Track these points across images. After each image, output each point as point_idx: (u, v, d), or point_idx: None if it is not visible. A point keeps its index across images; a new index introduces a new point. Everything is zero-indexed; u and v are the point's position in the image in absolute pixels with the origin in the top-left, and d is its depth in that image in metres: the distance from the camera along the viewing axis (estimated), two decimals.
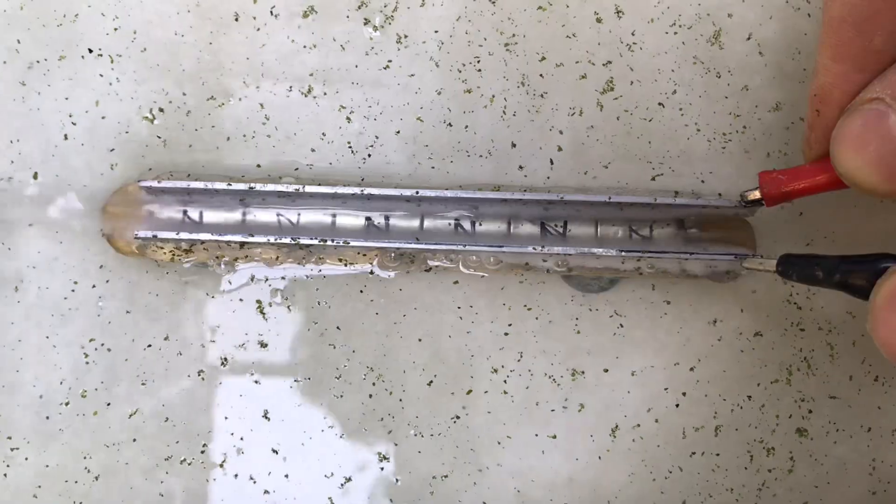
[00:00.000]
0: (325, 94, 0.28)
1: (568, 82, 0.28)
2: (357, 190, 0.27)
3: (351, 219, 0.28)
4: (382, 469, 0.28)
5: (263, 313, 0.28)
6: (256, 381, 0.28)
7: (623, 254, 0.27)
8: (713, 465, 0.28)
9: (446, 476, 0.28)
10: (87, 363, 0.28)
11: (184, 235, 0.27)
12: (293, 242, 0.27)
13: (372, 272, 0.28)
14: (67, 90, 0.28)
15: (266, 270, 0.28)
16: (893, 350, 0.19)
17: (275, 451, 0.28)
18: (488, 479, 0.28)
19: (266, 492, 0.28)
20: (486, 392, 0.28)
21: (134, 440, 0.28)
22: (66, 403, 0.28)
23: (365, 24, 0.28)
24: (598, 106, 0.28)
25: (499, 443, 0.28)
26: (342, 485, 0.28)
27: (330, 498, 0.28)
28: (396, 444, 0.28)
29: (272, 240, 0.27)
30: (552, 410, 0.28)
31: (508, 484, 0.28)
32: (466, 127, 0.28)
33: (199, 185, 0.27)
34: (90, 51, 0.28)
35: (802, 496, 0.28)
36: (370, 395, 0.28)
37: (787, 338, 0.28)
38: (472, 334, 0.28)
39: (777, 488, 0.28)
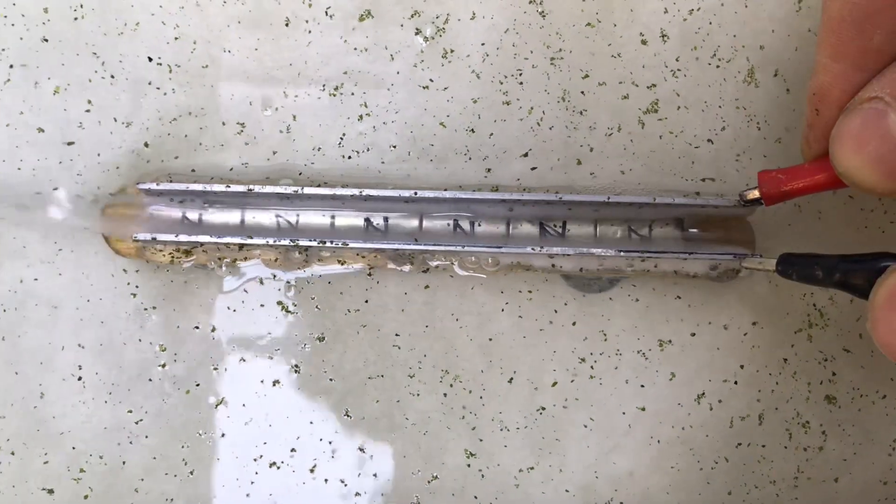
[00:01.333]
0: (352, 93, 0.28)
1: (609, 101, 0.28)
2: (356, 191, 0.27)
3: (350, 220, 0.28)
4: (469, 465, 0.28)
5: (291, 312, 0.28)
6: (331, 379, 0.28)
7: (622, 254, 0.27)
8: (759, 456, 0.28)
9: (532, 468, 0.28)
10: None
11: (182, 238, 0.27)
12: (292, 244, 0.27)
13: (370, 273, 0.28)
14: (76, 94, 0.28)
15: (278, 272, 0.28)
16: (893, 350, 0.19)
17: (361, 450, 0.28)
18: (573, 464, 0.28)
19: (357, 494, 0.28)
20: (571, 381, 0.28)
21: (223, 435, 0.28)
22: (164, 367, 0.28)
23: (416, 33, 0.28)
24: (640, 123, 0.28)
25: (585, 426, 0.28)
26: (429, 481, 0.28)
27: (417, 496, 0.28)
28: (482, 440, 0.28)
29: (271, 241, 0.27)
30: (642, 386, 0.28)
31: (591, 470, 0.28)
32: (491, 135, 0.28)
33: (198, 187, 0.27)
34: (134, 58, 0.28)
35: (833, 472, 0.28)
36: (445, 395, 0.28)
37: (796, 292, 0.28)
38: (546, 331, 0.28)
39: (811, 470, 0.28)
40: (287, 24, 0.28)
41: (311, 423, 0.28)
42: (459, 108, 0.28)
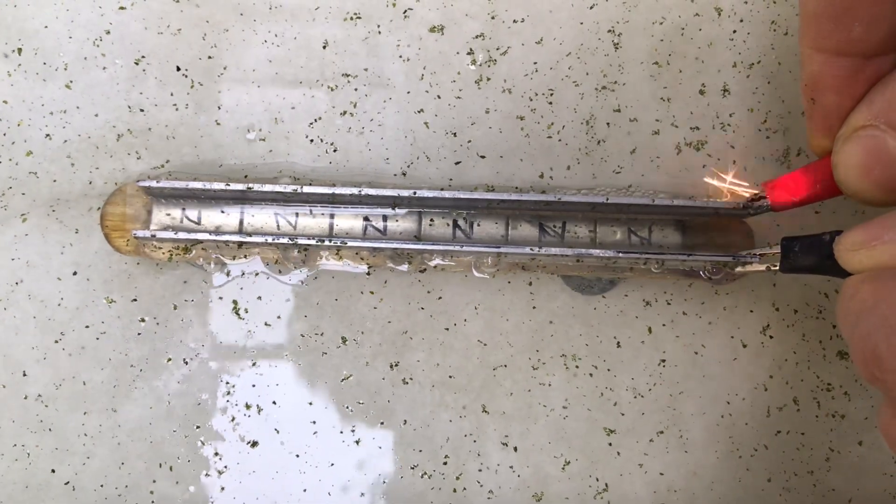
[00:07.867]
0: (355, 89, 0.28)
1: (634, 137, 0.28)
2: (355, 190, 0.27)
3: (349, 219, 0.28)
4: (610, 444, 0.28)
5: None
6: (535, 369, 0.28)
7: (620, 255, 0.27)
8: (798, 443, 0.29)
9: (662, 432, 0.28)
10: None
11: (182, 235, 0.27)
12: (291, 242, 0.27)
13: (383, 272, 0.28)
14: (77, 91, 0.28)
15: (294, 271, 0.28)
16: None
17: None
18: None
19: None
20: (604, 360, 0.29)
21: (346, 449, 0.28)
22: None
23: (468, 53, 0.28)
24: (677, 149, 0.28)
25: (704, 375, 0.28)
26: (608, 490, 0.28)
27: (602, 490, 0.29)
28: (623, 414, 0.28)
29: (270, 240, 0.27)
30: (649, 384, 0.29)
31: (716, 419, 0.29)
32: (469, 142, 0.28)
33: (198, 184, 0.27)
34: (136, 62, 0.28)
35: (858, 436, 0.29)
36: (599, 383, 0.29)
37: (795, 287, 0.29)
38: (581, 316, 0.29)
39: (838, 441, 0.28)
40: (325, 47, 0.28)
41: (503, 413, 0.28)
42: (461, 114, 0.28)
